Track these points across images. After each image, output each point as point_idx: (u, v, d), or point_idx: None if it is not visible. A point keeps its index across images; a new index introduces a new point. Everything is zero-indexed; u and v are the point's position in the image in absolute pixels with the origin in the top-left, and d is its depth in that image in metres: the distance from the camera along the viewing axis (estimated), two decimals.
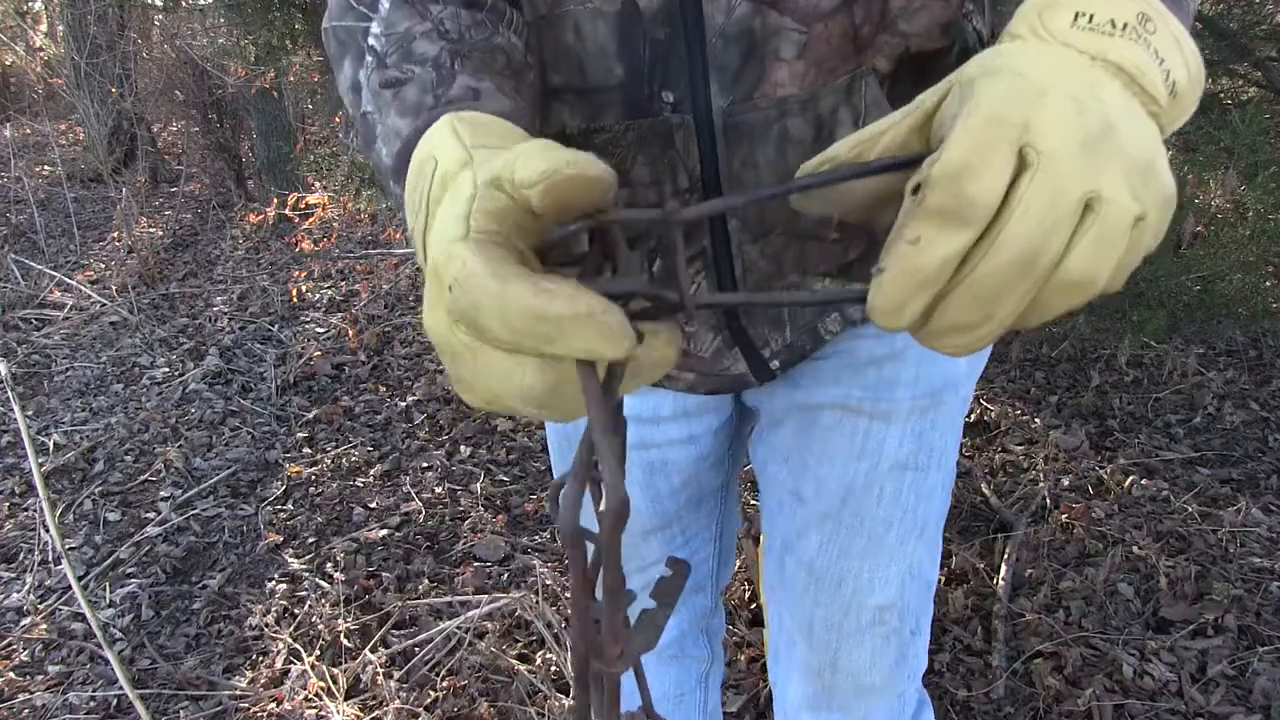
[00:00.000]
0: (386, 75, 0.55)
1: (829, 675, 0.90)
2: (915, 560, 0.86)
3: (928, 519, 0.86)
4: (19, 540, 2.29)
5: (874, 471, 0.81)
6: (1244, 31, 2.32)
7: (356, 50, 0.59)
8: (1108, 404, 2.67)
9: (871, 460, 0.81)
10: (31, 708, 1.77)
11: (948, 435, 0.84)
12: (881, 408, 0.80)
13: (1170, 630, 1.84)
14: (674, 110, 0.64)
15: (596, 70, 0.64)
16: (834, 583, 0.86)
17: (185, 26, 5.88)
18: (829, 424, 0.82)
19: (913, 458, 0.81)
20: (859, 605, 0.86)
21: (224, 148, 5.21)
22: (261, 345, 3.40)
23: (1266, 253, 2.04)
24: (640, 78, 0.64)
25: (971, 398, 0.86)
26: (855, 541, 0.84)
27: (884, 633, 0.88)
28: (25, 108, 7.08)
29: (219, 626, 2.01)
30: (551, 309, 0.34)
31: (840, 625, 0.87)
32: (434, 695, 1.75)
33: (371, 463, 2.60)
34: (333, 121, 3.37)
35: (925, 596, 0.91)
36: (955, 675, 1.75)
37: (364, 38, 0.59)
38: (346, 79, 0.60)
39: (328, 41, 0.63)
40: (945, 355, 0.44)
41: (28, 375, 3.21)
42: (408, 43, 0.56)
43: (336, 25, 0.61)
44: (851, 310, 0.75)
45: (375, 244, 4.21)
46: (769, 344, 0.77)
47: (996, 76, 0.37)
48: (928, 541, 0.87)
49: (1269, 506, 2.22)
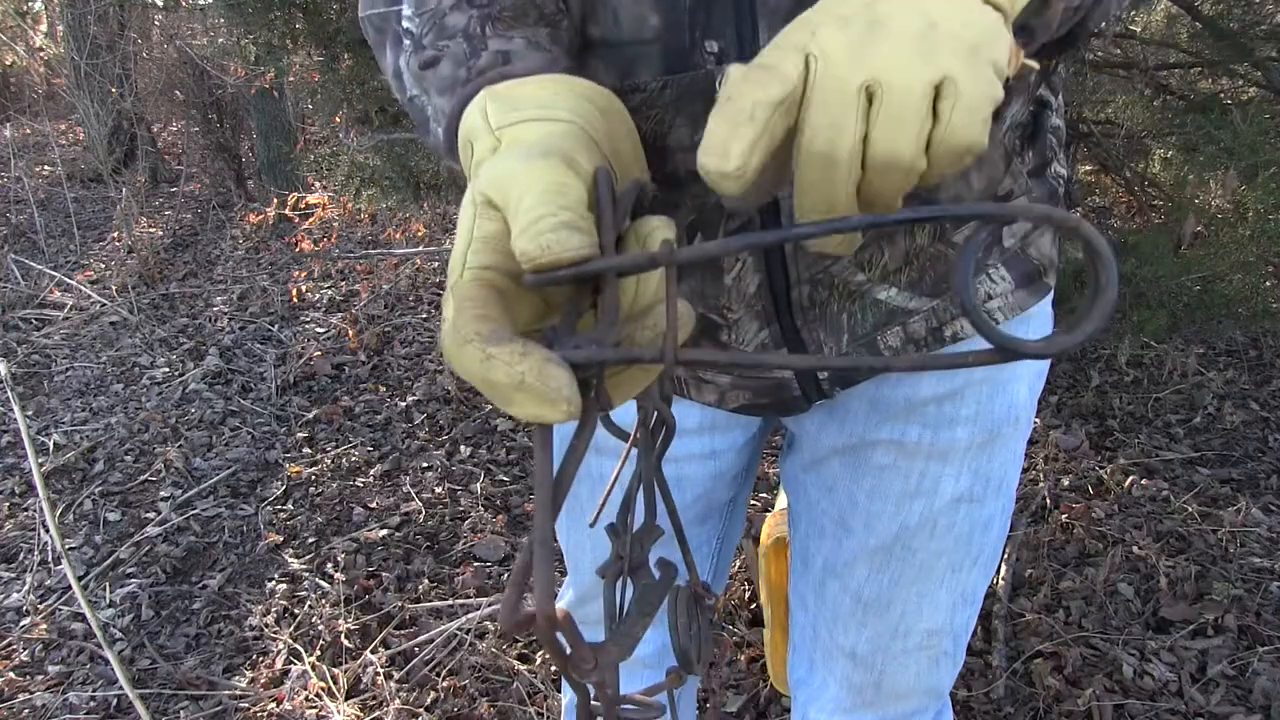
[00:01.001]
0: (424, 56, 0.55)
1: (872, 692, 0.88)
2: (969, 586, 0.84)
3: (983, 546, 0.83)
4: (19, 540, 2.29)
5: (929, 510, 0.78)
6: (1244, 31, 2.32)
7: (394, 36, 0.58)
8: (1108, 404, 2.67)
9: (927, 499, 0.78)
10: (31, 708, 1.77)
11: (1007, 465, 0.80)
12: (940, 447, 0.76)
13: (1170, 630, 1.84)
14: (718, 62, 0.57)
15: (630, 20, 0.58)
16: (882, 608, 0.84)
17: (185, 26, 5.88)
18: (883, 463, 0.78)
19: (969, 491, 0.78)
20: (907, 630, 0.84)
21: (224, 148, 5.21)
22: (261, 345, 3.40)
23: (1266, 253, 2.04)
24: (680, 27, 0.57)
25: (1031, 426, 0.82)
26: (907, 571, 0.81)
27: (932, 655, 0.86)
28: (25, 108, 7.08)
29: (219, 626, 2.01)
30: (492, 376, 0.35)
31: (888, 648, 0.85)
32: (434, 695, 1.75)
33: (371, 463, 2.60)
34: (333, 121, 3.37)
35: (973, 616, 0.89)
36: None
37: (397, 22, 0.58)
38: (389, 66, 0.59)
39: (365, 30, 0.62)
40: (831, 251, 0.45)
41: (28, 375, 3.21)
42: (439, 19, 0.55)
43: (370, 14, 0.61)
44: (914, 325, 0.70)
45: (375, 244, 4.21)
46: (822, 348, 0.69)
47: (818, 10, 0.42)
48: (982, 568, 0.84)
49: (1269, 506, 2.22)
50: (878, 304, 0.68)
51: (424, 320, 3.48)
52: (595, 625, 1.03)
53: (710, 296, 0.68)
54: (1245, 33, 2.32)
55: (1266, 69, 2.34)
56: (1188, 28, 2.59)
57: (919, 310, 0.69)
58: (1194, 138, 2.11)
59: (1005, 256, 0.70)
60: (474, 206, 0.41)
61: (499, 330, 0.37)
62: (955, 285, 0.35)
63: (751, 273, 0.66)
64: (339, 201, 3.42)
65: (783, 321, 0.68)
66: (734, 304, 0.67)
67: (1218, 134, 2.03)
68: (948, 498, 0.77)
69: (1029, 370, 0.77)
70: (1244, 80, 2.54)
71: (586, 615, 0.99)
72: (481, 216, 0.40)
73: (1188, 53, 2.64)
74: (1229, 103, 2.37)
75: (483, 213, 0.40)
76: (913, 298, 0.68)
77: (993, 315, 0.71)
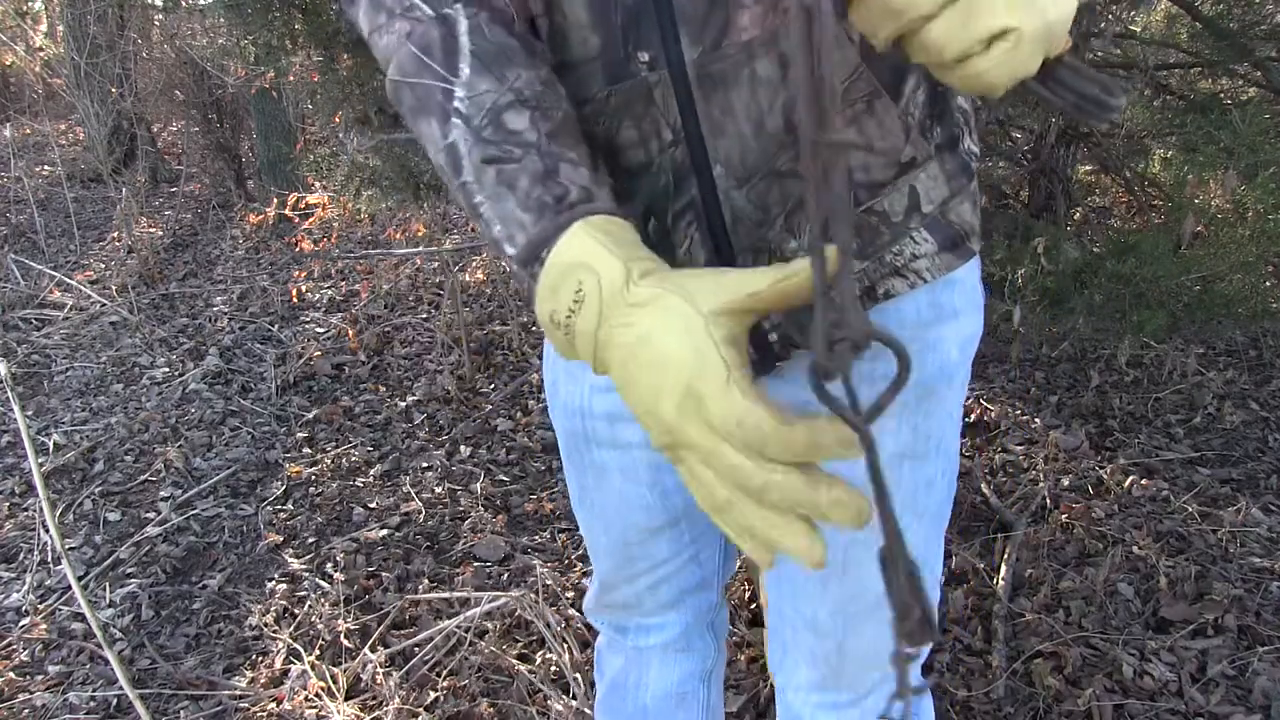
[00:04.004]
0: (488, 152, 0.62)
1: (836, 659, 0.92)
2: (918, 545, 0.87)
3: (928, 506, 0.87)
4: (19, 540, 2.29)
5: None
6: (1244, 31, 2.32)
7: (441, 112, 0.64)
8: (1108, 404, 2.67)
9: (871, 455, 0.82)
10: (31, 708, 1.77)
11: (945, 424, 0.85)
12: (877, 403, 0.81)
13: (1170, 630, 1.84)
14: (650, 69, 0.67)
15: (578, 44, 0.68)
16: (839, 571, 0.88)
17: (185, 26, 5.88)
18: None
19: (910, 447, 0.83)
20: (863, 591, 0.88)
21: (224, 148, 5.21)
22: (261, 345, 3.40)
23: (1266, 253, 2.04)
24: (616, 44, 0.67)
25: (967, 386, 0.88)
26: (859, 531, 0.85)
27: (887, 617, 0.88)
28: (25, 108, 7.09)
29: (219, 626, 2.01)
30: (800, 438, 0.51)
31: (846, 609, 0.89)
32: (434, 695, 1.75)
33: (371, 463, 2.60)
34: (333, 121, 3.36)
35: (930, 584, 0.92)
36: (955, 675, 1.75)
37: (446, 99, 0.63)
38: (436, 139, 0.64)
39: (399, 94, 0.67)
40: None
41: (28, 375, 3.22)
42: (497, 115, 0.62)
43: (413, 82, 0.65)
44: None
45: (375, 244, 4.22)
46: (768, 315, 0.77)
47: None
48: (929, 528, 0.88)
49: (1269, 506, 2.22)
50: None
51: (424, 320, 3.49)
52: (622, 610, 1.07)
53: None
54: (1245, 33, 2.32)
55: (1266, 69, 2.34)
56: (1188, 28, 2.60)
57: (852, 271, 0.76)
58: (1194, 138, 2.11)
59: (925, 221, 0.77)
60: (697, 312, 0.51)
61: None
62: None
63: (699, 247, 0.73)
64: (339, 202, 3.42)
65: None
66: None
67: (1218, 134, 2.03)
68: (890, 452, 0.82)
69: (958, 333, 0.82)
70: (1244, 80, 2.54)
71: (613, 601, 1.05)
72: (715, 324, 0.51)
73: (1188, 53, 2.64)
74: (1229, 103, 2.37)
75: (715, 320, 0.51)
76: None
77: (920, 274, 0.77)
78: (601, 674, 1.19)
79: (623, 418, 0.88)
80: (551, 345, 0.62)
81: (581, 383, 0.89)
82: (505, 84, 0.63)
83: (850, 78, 0.68)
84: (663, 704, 1.15)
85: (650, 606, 1.05)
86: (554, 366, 0.94)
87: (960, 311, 0.82)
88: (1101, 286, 2.11)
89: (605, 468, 0.92)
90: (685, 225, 0.73)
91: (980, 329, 0.87)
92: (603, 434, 0.89)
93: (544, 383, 0.97)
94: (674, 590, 1.03)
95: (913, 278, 0.77)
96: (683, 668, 1.14)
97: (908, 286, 0.77)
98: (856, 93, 0.69)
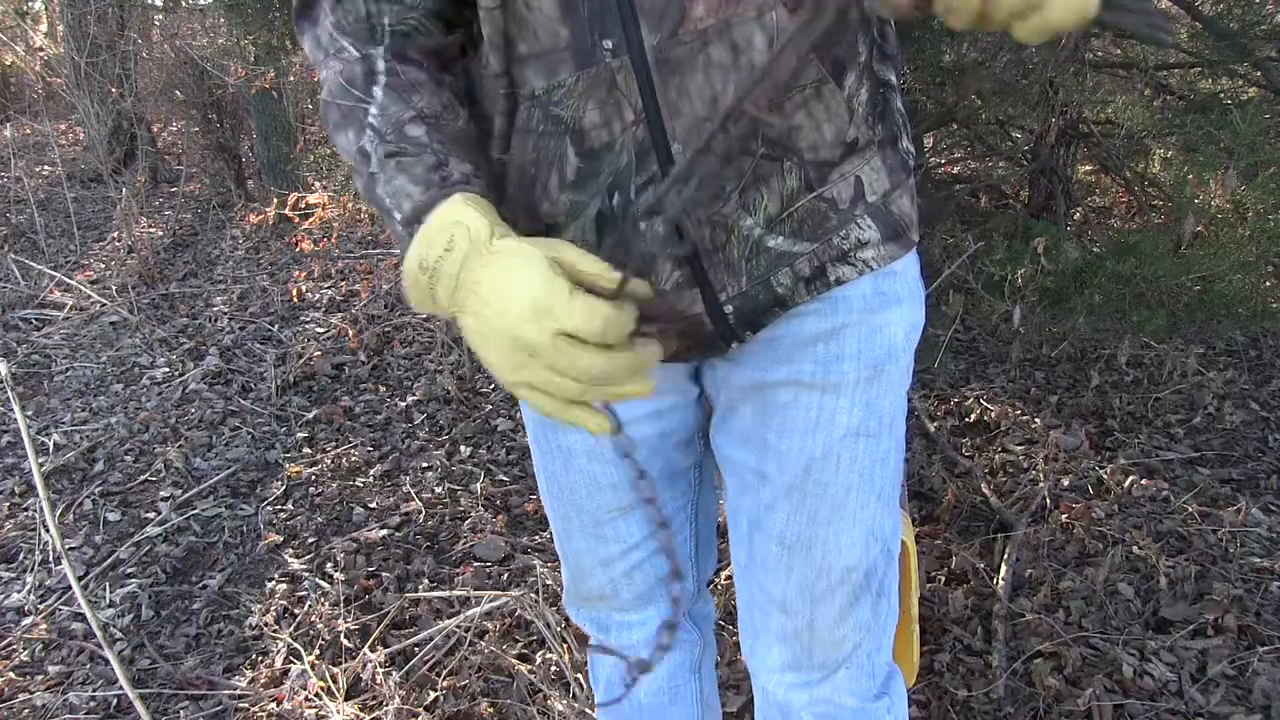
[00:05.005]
0: (390, 149, 0.75)
1: (807, 636, 0.96)
2: (875, 523, 0.93)
3: (884, 483, 0.92)
4: (19, 540, 2.29)
5: (830, 441, 0.89)
6: (1244, 31, 2.32)
7: (358, 125, 0.77)
8: (1108, 404, 2.68)
9: (826, 431, 0.88)
10: (31, 708, 1.77)
11: (895, 405, 0.91)
12: (831, 380, 0.88)
13: (1170, 630, 1.85)
14: (613, 55, 0.75)
15: (547, 35, 0.76)
16: (804, 548, 0.93)
17: (185, 26, 5.88)
18: (784, 401, 0.89)
19: (863, 425, 0.89)
20: (829, 567, 0.93)
21: (224, 148, 5.20)
22: (261, 345, 3.40)
23: (1266, 253, 2.04)
24: (583, 33, 0.75)
25: (912, 368, 0.94)
26: (821, 507, 0.91)
27: (852, 591, 0.94)
28: (25, 108, 7.09)
29: (219, 626, 2.01)
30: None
31: (813, 586, 0.94)
32: (434, 695, 1.75)
33: (371, 463, 2.60)
34: None
35: (888, 561, 0.97)
36: (955, 675, 1.75)
37: (363, 115, 0.77)
38: (351, 144, 0.78)
39: (328, 111, 0.80)
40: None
41: (28, 375, 3.22)
42: (401, 126, 0.76)
43: (340, 102, 0.79)
44: (800, 265, 0.84)
45: (375, 244, 4.22)
46: (726, 289, 0.84)
47: None
48: (885, 505, 0.94)
49: (1269, 506, 2.23)
50: (768, 250, 0.82)
51: (424, 320, 3.49)
52: (599, 601, 1.10)
53: (634, 244, 0.83)
54: (1245, 33, 2.32)
55: (1266, 69, 2.34)
56: (1188, 28, 2.60)
57: (803, 253, 0.84)
58: (1194, 138, 2.11)
59: (870, 209, 0.85)
60: (544, 260, 0.64)
61: None
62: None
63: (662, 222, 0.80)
64: (339, 201, 3.43)
65: (693, 263, 0.82)
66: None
67: (1218, 134, 2.03)
68: (844, 429, 0.89)
69: (903, 319, 0.89)
70: (1244, 80, 2.54)
71: (589, 590, 1.08)
72: (556, 270, 0.63)
73: (1188, 53, 2.64)
74: (1229, 103, 2.37)
75: (555, 266, 0.64)
76: (796, 243, 0.83)
77: (867, 263, 0.85)
78: (596, 680, 1.22)
79: None
80: (411, 296, 0.70)
81: None
82: (410, 105, 0.76)
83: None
84: (655, 700, 1.17)
85: (627, 598, 1.07)
86: None
87: (903, 299, 0.89)
88: (1101, 286, 2.11)
89: (571, 450, 0.98)
90: (646, 200, 0.79)
91: (922, 320, 0.94)
92: (578, 444, 0.97)
93: None
94: (648, 579, 1.05)
95: (860, 265, 0.85)
96: (671, 661, 1.16)
97: (856, 274, 0.85)
98: (806, 78, 0.77)
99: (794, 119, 0.78)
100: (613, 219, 0.80)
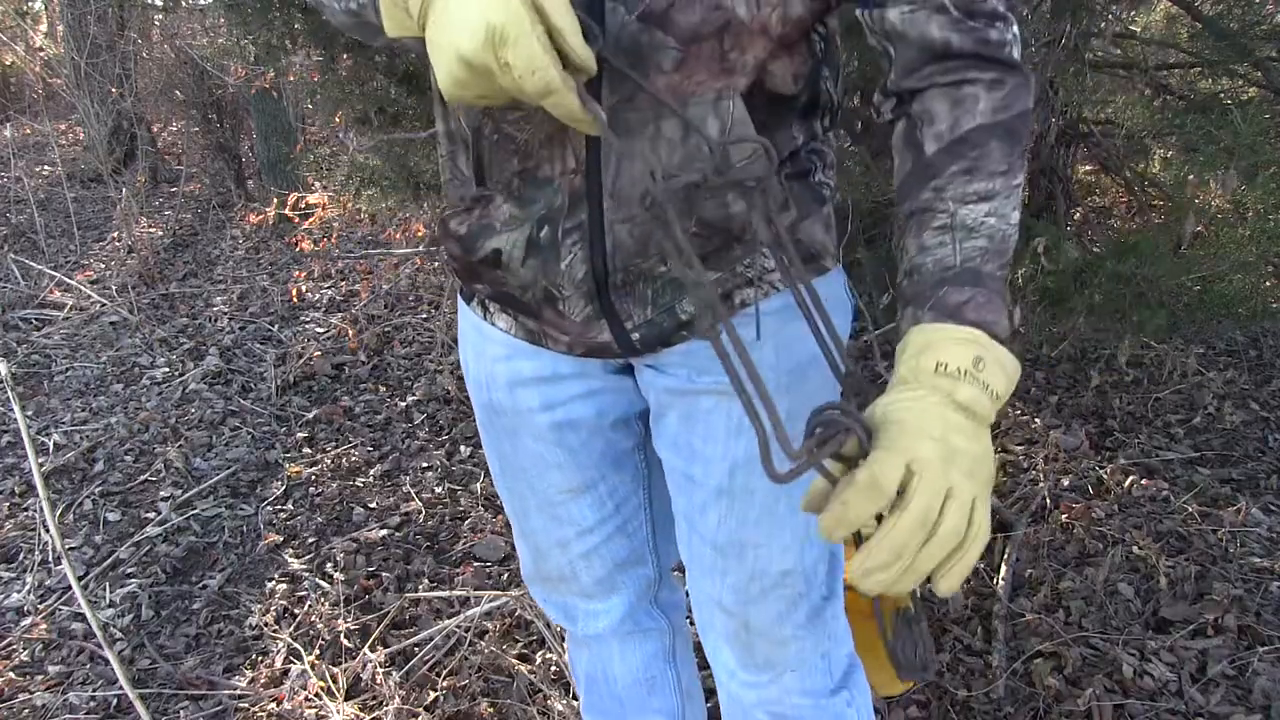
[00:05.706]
0: None
1: (745, 636, 0.97)
2: (812, 526, 0.92)
3: None
4: (19, 540, 2.29)
5: (752, 445, 0.89)
6: (1244, 31, 2.32)
7: None
8: (1108, 404, 2.67)
9: (749, 436, 0.89)
10: (31, 708, 1.77)
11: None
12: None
13: (1170, 630, 1.85)
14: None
15: None
16: (736, 552, 0.94)
17: (185, 26, 5.88)
18: (707, 408, 0.91)
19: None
20: (762, 571, 0.93)
21: (224, 148, 5.20)
22: (261, 345, 3.40)
23: (1266, 253, 2.04)
24: None
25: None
26: (750, 511, 0.92)
27: (789, 595, 0.95)
28: (25, 108, 7.09)
29: (219, 626, 2.01)
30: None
31: (747, 589, 0.95)
32: (434, 695, 1.75)
33: (371, 463, 2.60)
34: (333, 121, 3.37)
35: (833, 563, 0.98)
36: (955, 675, 1.75)
37: None
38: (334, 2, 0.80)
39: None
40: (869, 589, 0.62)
41: (28, 375, 3.22)
42: None
43: None
44: (705, 293, 0.86)
45: (375, 244, 4.21)
46: (632, 317, 0.86)
47: (890, 424, 0.64)
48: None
49: (1269, 506, 2.23)
50: (674, 281, 0.85)
51: (424, 320, 3.49)
52: (559, 583, 1.10)
53: (550, 275, 0.85)
54: (1245, 33, 2.31)
55: (1266, 69, 2.34)
56: (1188, 28, 2.60)
57: (707, 282, 0.86)
58: (1194, 138, 2.11)
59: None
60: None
61: None
62: None
63: (579, 264, 0.83)
64: (339, 201, 3.42)
65: (602, 298, 0.85)
66: (565, 284, 0.85)
67: (1218, 134, 2.03)
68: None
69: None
70: (1244, 80, 2.54)
71: (548, 571, 1.10)
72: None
73: (1188, 53, 2.64)
74: (1229, 103, 2.37)
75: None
76: (702, 275, 0.85)
77: (774, 285, 0.87)
78: (577, 677, 1.23)
79: (520, 383, 0.96)
80: (387, 23, 0.69)
81: (485, 357, 0.98)
82: None
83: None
84: (633, 693, 1.17)
85: (587, 583, 1.08)
86: (465, 348, 1.01)
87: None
88: (1101, 286, 2.11)
89: (515, 430, 1.00)
90: (571, 243, 0.82)
91: (849, 328, 0.96)
92: (505, 402, 0.98)
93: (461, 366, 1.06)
94: (607, 564, 1.06)
95: (766, 287, 0.87)
96: (643, 651, 1.16)
97: (761, 295, 0.87)
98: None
99: (734, 208, 0.81)
100: (539, 249, 0.83)
